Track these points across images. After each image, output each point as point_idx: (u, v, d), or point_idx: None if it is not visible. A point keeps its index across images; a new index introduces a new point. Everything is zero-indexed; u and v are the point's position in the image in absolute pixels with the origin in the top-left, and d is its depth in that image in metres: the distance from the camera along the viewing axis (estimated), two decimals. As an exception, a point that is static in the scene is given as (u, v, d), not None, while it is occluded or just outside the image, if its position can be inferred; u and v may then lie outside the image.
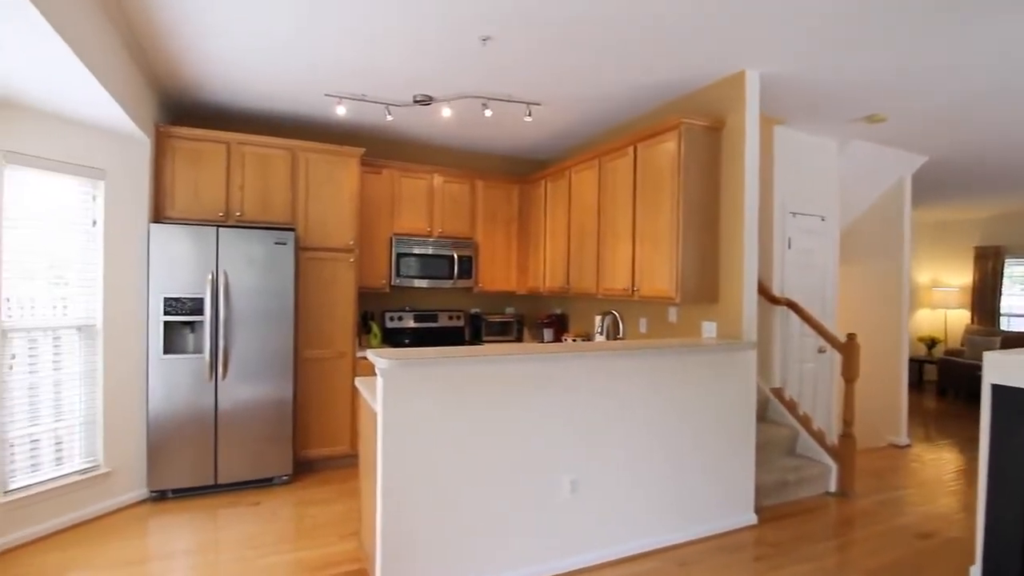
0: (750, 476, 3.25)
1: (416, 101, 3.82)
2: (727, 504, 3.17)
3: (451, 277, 4.83)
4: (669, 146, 3.41)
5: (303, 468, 4.12)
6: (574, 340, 4.65)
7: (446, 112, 3.84)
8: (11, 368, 2.85)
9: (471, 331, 5.23)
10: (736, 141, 3.33)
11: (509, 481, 2.55)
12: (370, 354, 2.34)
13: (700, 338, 3.43)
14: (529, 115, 3.89)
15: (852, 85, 3.44)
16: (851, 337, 3.72)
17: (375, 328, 4.43)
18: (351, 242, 4.21)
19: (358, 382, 2.88)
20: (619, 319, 3.99)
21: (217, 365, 3.59)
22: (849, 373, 3.71)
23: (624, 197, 3.79)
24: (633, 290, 3.69)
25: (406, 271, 4.66)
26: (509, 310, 5.52)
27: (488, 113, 3.78)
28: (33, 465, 2.99)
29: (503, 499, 2.54)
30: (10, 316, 2.87)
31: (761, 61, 3.14)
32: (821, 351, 4.51)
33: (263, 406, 3.74)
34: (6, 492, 2.82)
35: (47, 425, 3.06)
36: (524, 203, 5.22)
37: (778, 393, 4.14)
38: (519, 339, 5.22)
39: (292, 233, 3.81)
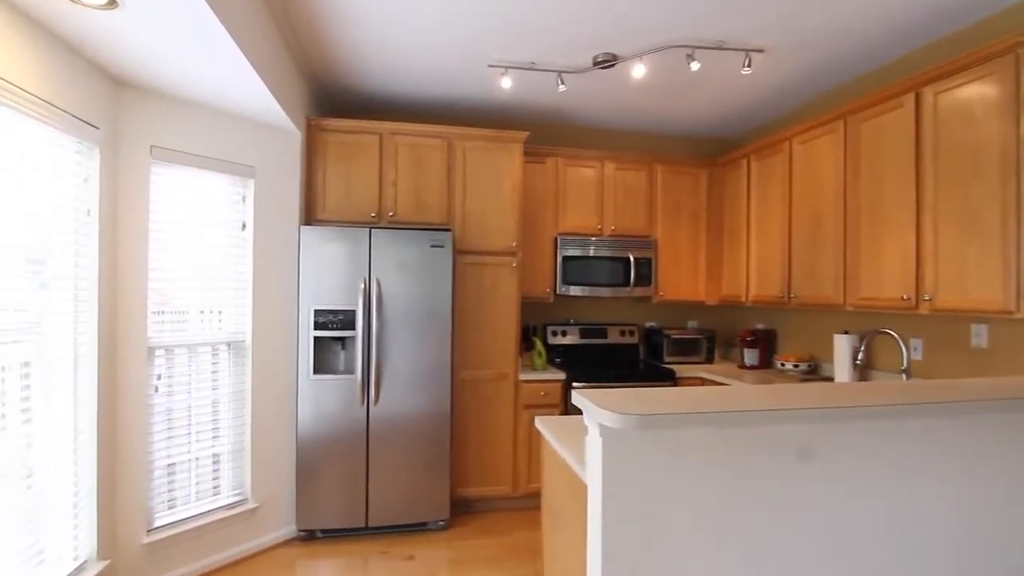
0: None
1: (596, 64, 3.04)
2: None
3: (626, 284, 3.97)
4: (987, 85, 2.24)
5: (459, 509, 3.50)
6: (795, 366, 3.54)
7: (637, 71, 3.01)
8: (156, 389, 2.54)
9: (647, 349, 4.32)
10: None
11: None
12: (579, 398, 1.56)
13: (1056, 375, 2.18)
14: (748, 65, 2.91)
15: None
16: None
17: (539, 345, 3.72)
18: (513, 244, 3.54)
19: (541, 425, 2.13)
20: (901, 342, 2.81)
21: (369, 387, 3.10)
22: None
23: (898, 167, 2.65)
24: (918, 299, 2.54)
25: (572, 277, 3.89)
26: (691, 324, 4.51)
27: (695, 66, 2.88)
28: (180, 498, 2.66)
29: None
30: (161, 331, 2.57)
31: None
32: None
33: (418, 436, 3.17)
34: (150, 531, 2.50)
35: (196, 453, 2.73)
36: (715, 191, 4.20)
37: None
38: (710, 360, 4.19)
39: (449, 234, 3.22)
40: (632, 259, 3.96)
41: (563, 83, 3.13)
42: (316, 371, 3.05)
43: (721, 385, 3.39)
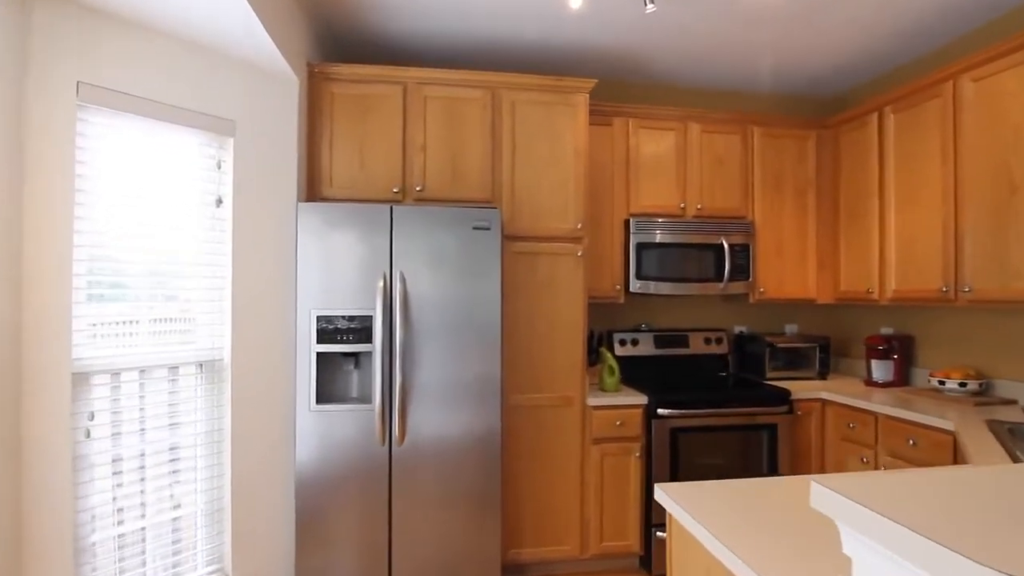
0: None
1: (699, -31, 2.18)
2: None
3: (718, 278, 3.09)
4: None
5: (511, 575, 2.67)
6: (962, 385, 2.61)
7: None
8: (88, 433, 1.76)
9: (738, 361, 3.42)
10: None
11: None
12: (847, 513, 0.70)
13: None
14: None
15: None
16: None
17: (609, 358, 2.87)
18: (579, 226, 2.70)
19: (670, 501, 1.27)
20: None
21: (392, 419, 2.28)
22: None
23: None
24: None
25: (649, 270, 3.03)
26: (790, 328, 3.60)
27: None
28: (130, 584, 1.88)
29: None
30: (97, 349, 1.80)
31: None
32: None
33: (457, 483, 2.34)
34: (75, 645, 1.72)
35: (152, 519, 1.95)
36: (826, 160, 3.29)
37: None
38: (823, 375, 3.27)
39: (496, 212, 2.40)
40: (726, 246, 3.07)
41: (652, 1, 2.27)
42: (320, 399, 2.25)
43: (928, 429, 2.49)
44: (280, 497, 2.27)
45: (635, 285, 3.01)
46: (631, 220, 3.02)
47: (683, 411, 2.69)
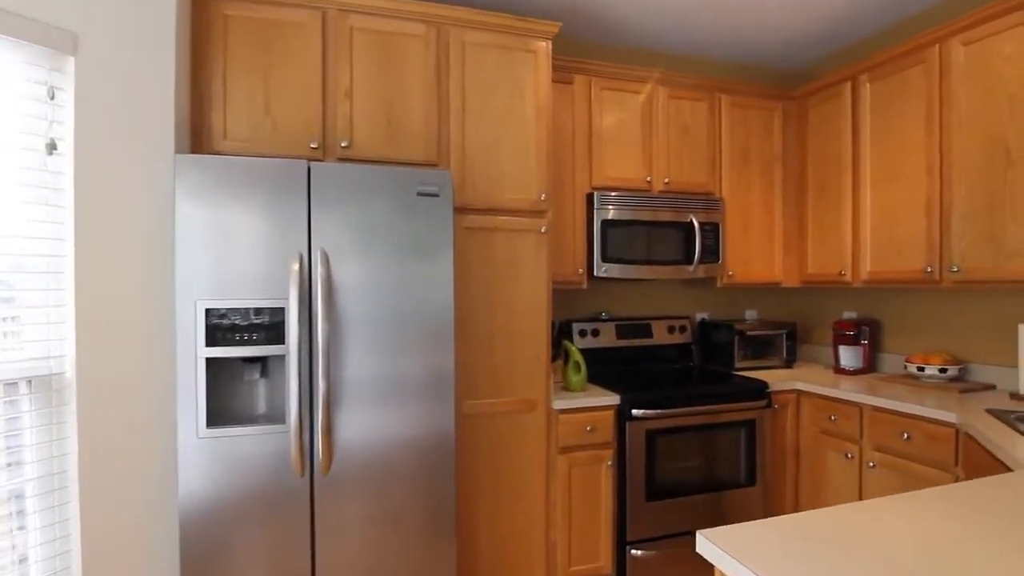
0: None
1: None
2: None
3: (688, 260, 2.78)
4: None
5: (467, 619, 2.22)
6: (942, 371, 2.46)
7: None
8: None
9: (701, 351, 3.16)
10: None
11: None
12: None
13: None
14: None
15: None
16: None
17: (574, 352, 2.47)
18: (542, 197, 2.27)
19: (715, 552, 0.88)
20: None
21: (314, 444, 1.75)
22: None
23: None
24: None
25: (615, 251, 2.66)
26: (750, 314, 3.40)
27: None
28: None
29: None
30: None
31: None
32: None
33: (402, 513, 1.85)
34: None
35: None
36: (793, 134, 3.08)
37: None
38: (790, 363, 3.08)
39: (447, 175, 1.91)
40: (696, 224, 2.77)
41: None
42: (213, 421, 1.67)
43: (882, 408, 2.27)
44: (158, 559, 1.67)
45: (600, 269, 2.63)
46: (595, 194, 2.63)
47: (660, 411, 2.35)
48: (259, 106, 1.93)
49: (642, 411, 2.34)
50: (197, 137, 1.89)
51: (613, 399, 2.35)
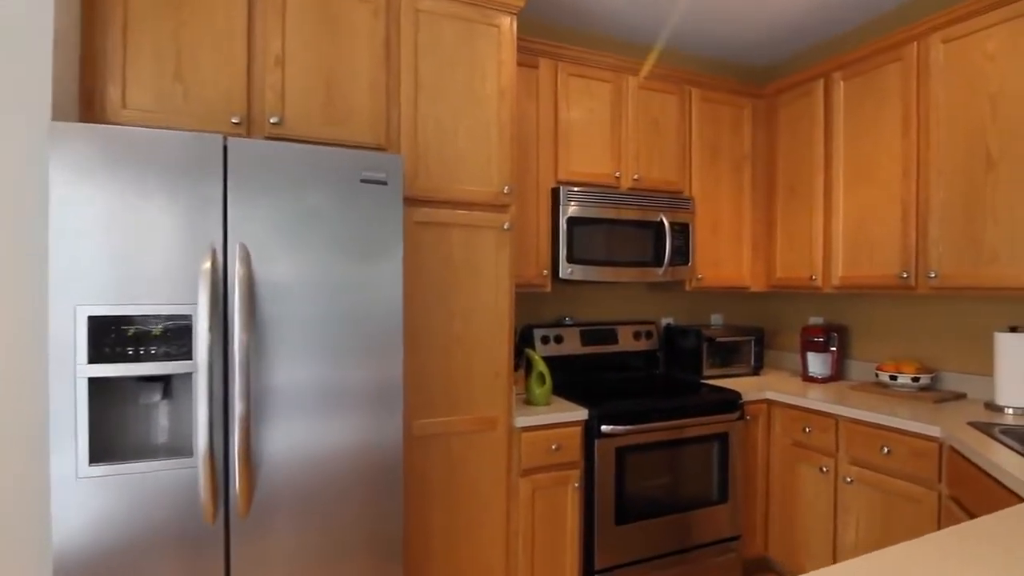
0: None
1: None
2: None
3: (657, 262, 2.61)
4: None
5: (415, 667, 1.95)
6: (915, 380, 2.38)
7: None
8: None
9: (667, 357, 3.00)
10: None
11: None
12: None
13: None
14: None
15: None
16: None
17: (538, 361, 2.24)
18: (505, 189, 2.03)
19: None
20: None
21: (229, 480, 1.44)
22: None
23: None
24: None
25: (583, 252, 2.45)
26: (716, 319, 3.28)
27: None
28: None
29: None
30: None
31: None
32: None
33: (344, 556, 1.56)
34: None
35: None
36: (763, 132, 2.97)
37: None
38: (758, 370, 2.96)
39: (397, 159, 1.64)
40: (667, 224, 2.60)
41: None
42: (98, 456, 1.34)
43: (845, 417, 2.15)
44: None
45: (565, 270, 2.41)
46: (561, 189, 2.42)
47: (633, 426, 2.15)
48: (168, 71, 1.60)
49: (612, 427, 2.13)
50: (88, 105, 1.54)
51: (581, 414, 2.14)
